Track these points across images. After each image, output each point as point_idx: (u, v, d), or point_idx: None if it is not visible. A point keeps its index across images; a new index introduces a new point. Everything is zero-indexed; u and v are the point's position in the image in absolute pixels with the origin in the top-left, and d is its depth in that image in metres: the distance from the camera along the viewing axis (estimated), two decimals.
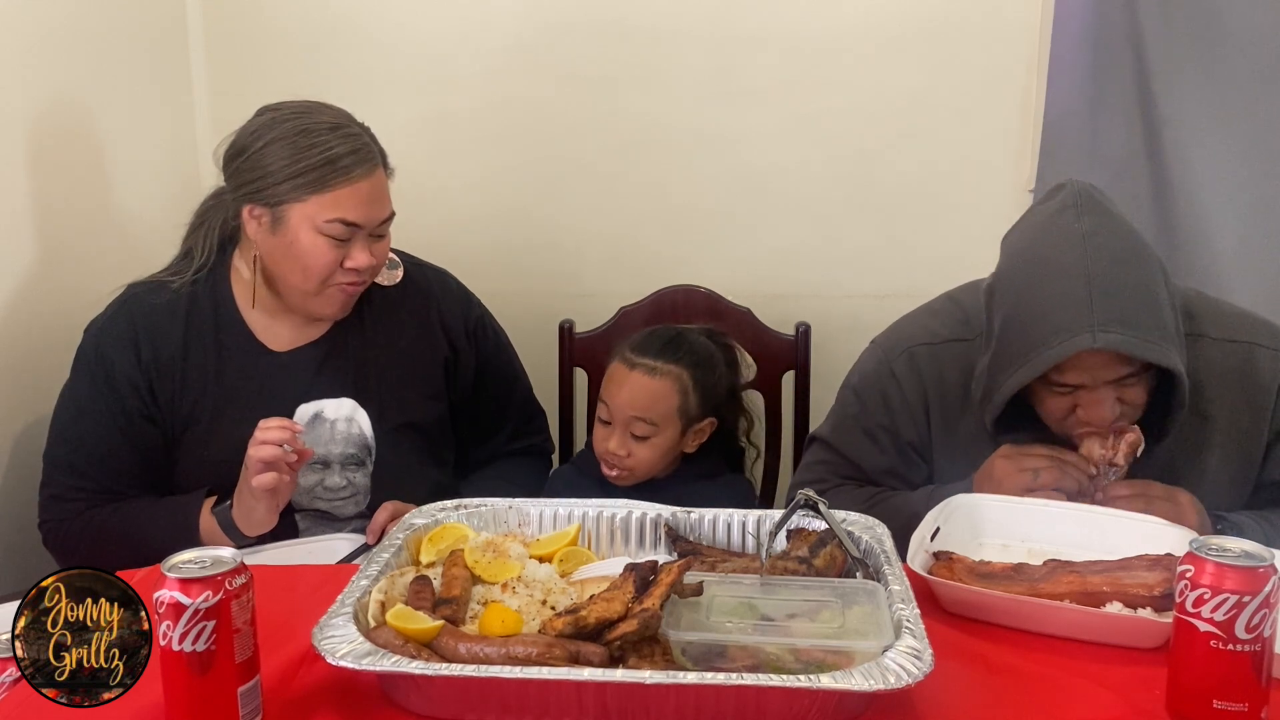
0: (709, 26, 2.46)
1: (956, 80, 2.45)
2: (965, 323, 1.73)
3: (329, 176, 1.67)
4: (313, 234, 1.69)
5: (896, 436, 1.74)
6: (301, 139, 1.68)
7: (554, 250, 2.56)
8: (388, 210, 1.75)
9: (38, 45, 1.96)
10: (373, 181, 1.71)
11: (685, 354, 1.94)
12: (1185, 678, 1.09)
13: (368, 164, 1.70)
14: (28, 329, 1.95)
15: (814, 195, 2.52)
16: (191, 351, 1.79)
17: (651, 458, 1.92)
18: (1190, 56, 2.31)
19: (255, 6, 2.48)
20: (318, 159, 1.67)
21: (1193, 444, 1.64)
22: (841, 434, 1.80)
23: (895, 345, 1.77)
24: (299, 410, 1.79)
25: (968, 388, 1.68)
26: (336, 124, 1.71)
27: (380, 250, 1.77)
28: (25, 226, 1.96)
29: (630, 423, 1.90)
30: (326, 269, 1.72)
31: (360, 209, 1.70)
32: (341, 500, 1.81)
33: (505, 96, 2.50)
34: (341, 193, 1.68)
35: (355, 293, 1.78)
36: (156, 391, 1.77)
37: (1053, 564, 1.35)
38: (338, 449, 1.80)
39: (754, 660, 1.10)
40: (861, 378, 1.80)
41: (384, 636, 1.11)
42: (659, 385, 1.91)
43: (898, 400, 1.73)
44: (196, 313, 1.80)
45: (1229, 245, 2.35)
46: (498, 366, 2.00)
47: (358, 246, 1.72)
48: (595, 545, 1.43)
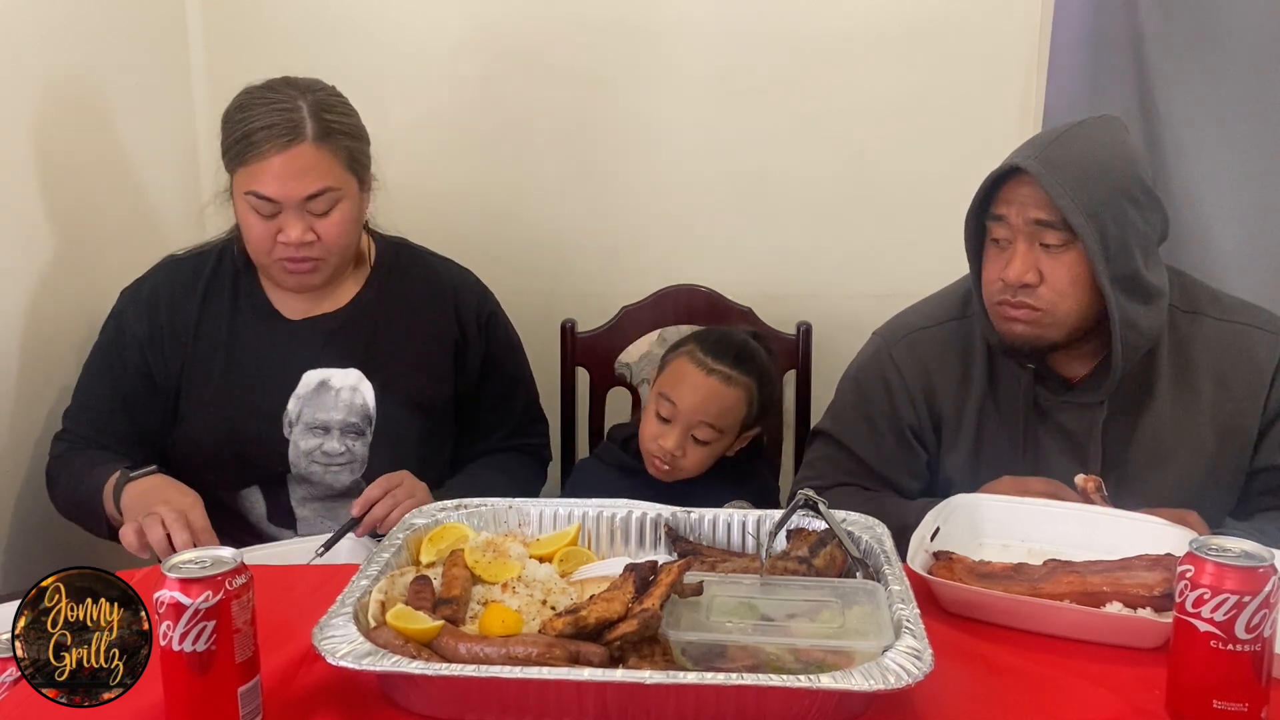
0: (709, 26, 2.46)
1: (956, 80, 2.45)
2: (965, 301, 1.76)
3: (245, 150, 1.71)
4: (244, 206, 1.74)
5: (897, 422, 1.75)
6: (236, 113, 1.74)
7: (555, 250, 2.56)
8: (316, 185, 1.72)
9: (37, 45, 1.96)
10: (289, 155, 1.69)
11: (756, 365, 1.93)
12: (1185, 678, 1.10)
13: (285, 138, 1.69)
14: (34, 334, 1.95)
15: (814, 195, 2.52)
16: (207, 312, 1.85)
17: (704, 461, 1.91)
18: (1190, 56, 2.31)
19: (255, 6, 2.48)
20: (239, 133, 1.72)
21: (1183, 420, 1.66)
22: (842, 424, 1.81)
23: (895, 333, 1.80)
24: (305, 377, 1.83)
25: (968, 365, 1.72)
26: (267, 100, 1.72)
27: (326, 227, 1.75)
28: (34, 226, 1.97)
29: (696, 426, 1.88)
30: (262, 242, 1.75)
31: (273, 183, 1.70)
32: (339, 466, 1.83)
33: (506, 96, 2.49)
34: (254, 167, 1.70)
35: (302, 270, 1.78)
36: (167, 351, 1.83)
37: (1053, 564, 1.35)
38: (339, 415, 1.83)
39: (754, 660, 1.10)
40: (861, 366, 1.82)
41: (384, 636, 1.11)
42: (733, 395, 1.89)
43: (898, 385, 1.75)
44: (218, 279, 1.87)
45: (1229, 245, 2.35)
46: (505, 363, 2.01)
47: (288, 219, 1.73)
48: (595, 545, 1.43)
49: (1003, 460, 1.67)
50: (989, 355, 1.72)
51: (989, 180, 1.61)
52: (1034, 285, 1.58)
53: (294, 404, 1.82)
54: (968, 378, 1.73)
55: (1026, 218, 1.57)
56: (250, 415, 1.82)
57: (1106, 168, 1.56)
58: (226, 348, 1.84)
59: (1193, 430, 1.66)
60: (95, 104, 2.14)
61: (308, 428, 1.82)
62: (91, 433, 1.84)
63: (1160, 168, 2.35)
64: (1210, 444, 1.66)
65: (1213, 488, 1.66)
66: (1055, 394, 1.69)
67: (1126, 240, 1.55)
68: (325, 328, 1.86)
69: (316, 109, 1.73)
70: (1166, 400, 1.66)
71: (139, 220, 2.25)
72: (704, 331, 2.05)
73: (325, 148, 1.72)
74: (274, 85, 1.76)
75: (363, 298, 1.89)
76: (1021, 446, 1.69)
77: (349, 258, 1.86)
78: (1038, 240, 1.57)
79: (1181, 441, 1.66)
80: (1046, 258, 1.58)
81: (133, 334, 1.84)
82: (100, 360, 1.87)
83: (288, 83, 1.76)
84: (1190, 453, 1.65)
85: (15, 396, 1.90)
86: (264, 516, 1.85)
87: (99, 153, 2.15)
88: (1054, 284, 1.58)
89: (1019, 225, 1.58)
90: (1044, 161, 1.54)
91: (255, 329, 1.85)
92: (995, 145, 2.45)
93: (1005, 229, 1.60)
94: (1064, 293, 1.58)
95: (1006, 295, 1.60)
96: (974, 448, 1.72)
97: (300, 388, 1.82)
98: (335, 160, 1.74)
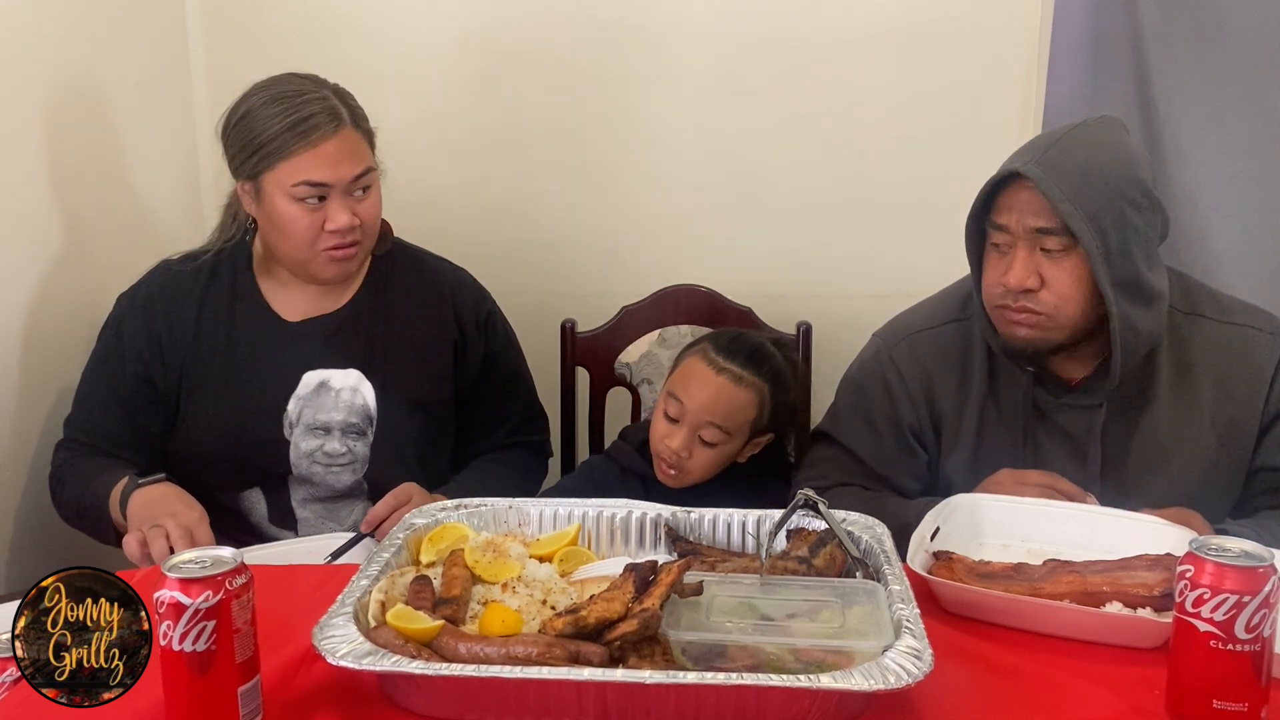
0: (710, 26, 2.46)
1: (956, 80, 2.44)
2: (964, 302, 1.77)
3: (291, 142, 1.72)
4: (287, 200, 1.74)
5: (897, 423, 1.76)
6: (265, 109, 1.74)
7: (555, 250, 2.56)
8: (360, 166, 1.77)
9: (38, 45, 1.96)
10: (337, 140, 1.73)
11: (769, 367, 1.88)
12: (1185, 678, 1.09)
13: (330, 125, 1.73)
14: (36, 332, 1.95)
15: (814, 195, 2.52)
16: (205, 317, 1.85)
17: (710, 464, 1.86)
18: (1190, 56, 2.31)
19: (255, 6, 2.48)
20: (279, 127, 1.72)
21: (1183, 421, 1.66)
22: (842, 425, 1.81)
23: (894, 334, 1.80)
24: (305, 378, 1.83)
25: (967, 366, 1.72)
26: (298, 91, 1.75)
27: (366, 209, 1.79)
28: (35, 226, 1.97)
29: (703, 426, 1.83)
30: (307, 234, 1.75)
31: (325, 168, 1.73)
32: (340, 467, 1.84)
33: (505, 96, 2.49)
34: (303, 156, 1.72)
35: (348, 255, 1.80)
36: (166, 356, 1.83)
37: (1053, 564, 1.35)
38: (340, 416, 1.83)
39: (754, 660, 1.10)
40: (861, 367, 1.83)
41: (384, 636, 1.11)
42: (743, 395, 1.84)
43: (897, 385, 1.75)
44: (216, 281, 1.87)
45: (1228, 245, 2.35)
46: (504, 362, 2.01)
47: (335, 207, 1.75)
48: (595, 545, 1.43)
49: (1003, 461, 1.66)
50: (989, 356, 1.73)
51: (989, 185, 1.61)
52: (1035, 290, 1.58)
53: (294, 405, 1.82)
54: (968, 379, 1.74)
55: (1026, 225, 1.57)
56: (251, 417, 1.82)
57: (1106, 171, 1.56)
58: (226, 350, 1.84)
59: (1192, 431, 1.66)
60: (95, 104, 2.14)
61: (308, 429, 1.82)
62: (93, 440, 1.84)
63: (1160, 167, 2.35)
64: (1210, 444, 1.66)
65: (1212, 488, 1.66)
66: (1055, 395, 1.69)
67: (1127, 243, 1.55)
68: (325, 328, 1.87)
69: (341, 97, 1.78)
70: (1166, 401, 1.66)
71: (139, 220, 2.25)
72: (719, 331, 2.02)
73: (359, 131, 1.78)
74: (291, 80, 1.77)
75: (361, 298, 1.90)
76: (1021, 447, 1.69)
77: (374, 244, 1.88)
78: (1038, 245, 1.57)
79: (1181, 442, 1.66)
80: (1047, 262, 1.58)
81: (131, 339, 1.84)
82: (99, 367, 1.86)
83: (301, 77, 1.78)
84: (1190, 453, 1.66)
85: (17, 395, 1.90)
86: (265, 518, 1.85)
87: (99, 153, 2.15)
88: (1055, 288, 1.58)
89: (1019, 232, 1.58)
90: (1044, 166, 1.54)
91: (254, 331, 1.85)
92: (995, 145, 2.45)
93: (1005, 235, 1.60)
94: (1066, 297, 1.58)
95: (1007, 300, 1.61)
96: (974, 449, 1.72)
97: (300, 389, 1.83)
98: (365, 143, 1.80)
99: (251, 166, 1.75)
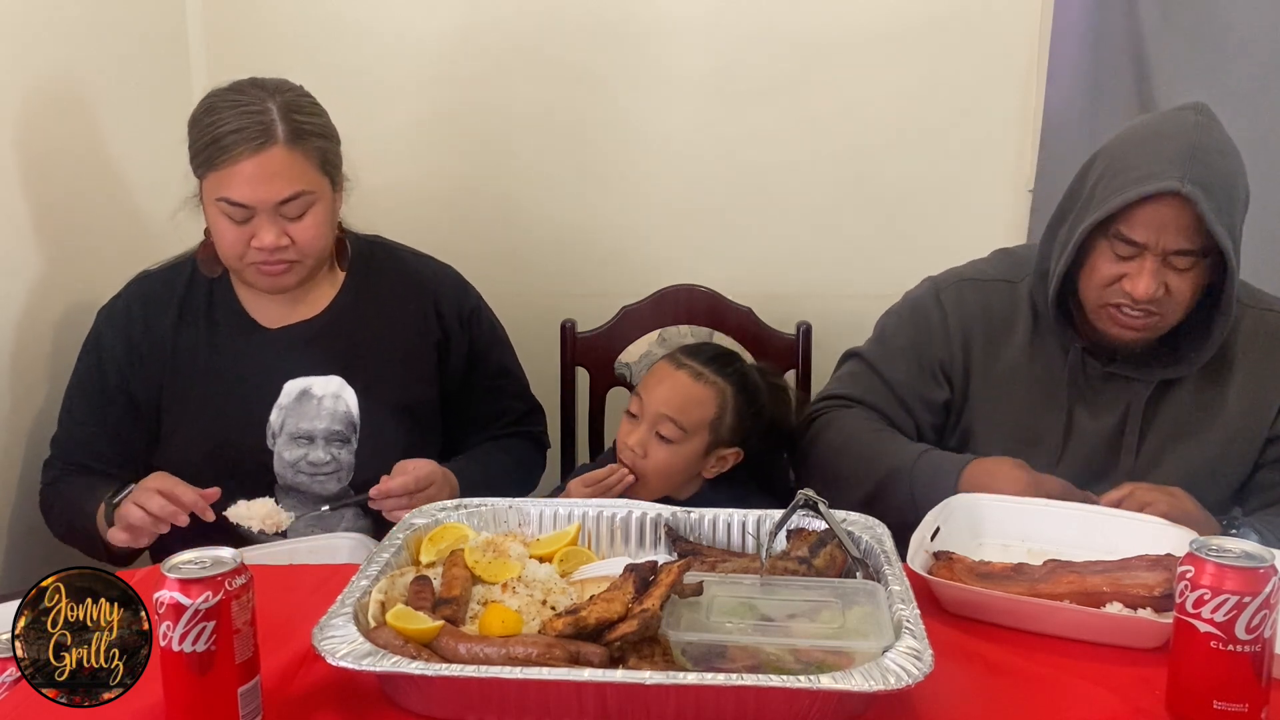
0: (709, 26, 2.46)
1: (956, 80, 2.45)
2: (1015, 266, 1.81)
3: (214, 155, 1.67)
4: (215, 212, 1.71)
5: (930, 354, 1.79)
6: (204, 117, 1.70)
7: (555, 250, 2.56)
8: (290, 189, 1.68)
9: (34, 44, 1.96)
10: (260, 160, 1.65)
11: (734, 373, 1.88)
12: (1185, 678, 1.10)
13: (253, 143, 1.65)
14: (31, 333, 1.95)
15: (814, 195, 2.52)
16: (184, 327, 1.82)
17: (667, 466, 1.83)
18: (1190, 56, 2.31)
19: (255, 6, 2.48)
20: (207, 138, 1.68)
21: (1212, 401, 1.70)
22: (875, 346, 1.86)
23: (948, 278, 1.85)
24: (286, 386, 1.80)
25: (1011, 323, 1.76)
26: (235, 102, 1.68)
27: (299, 230, 1.71)
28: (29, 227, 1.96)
29: (659, 421, 1.82)
30: (235, 246, 1.72)
31: (243, 188, 1.66)
32: (325, 475, 1.82)
33: (505, 96, 2.49)
34: (222, 173, 1.67)
35: (278, 272, 1.74)
36: (146, 369, 1.81)
37: (1053, 564, 1.35)
38: (322, 424, 1.81)
39: (754, 660, 1.10)
40: (907, 302, 1.87)
41: (384, 636, 1.11)
42: (700, 391, 1.83)
43: (938, 320, 1.79)
44: (193, 291, 1.85)
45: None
46: (491, 358, 1.99)
47: (261, 225, 1.69)
48: (595, 545, 1.43)
49: (1031, 423, 1.71)
50: (1034, 319, 1.75)
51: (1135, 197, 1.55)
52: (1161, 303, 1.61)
53: (276, 415, 1.80)
54: (1009, 336, 1.76)
55: (1166, 246, 1.57)
56: (233, 428, 1.79)
57: (1238, 184, 1.59)
58: (206, 361, 1.81)
59: (1217, 411, 1.69)
60: (95, 104, 2.13)
61: (291, 438, 1.79)
62: (80, 457, 1.82)
63: None
64: (1229, 422, 1.69)
65: (1226, 468, 1.70)
66: (1102, 363, 1.71)
67: (1240, 246, 1.58)
68: (304, 335, 1.83)
69: (286, 110, 1.69)
70: (1195, 376, 1.70)
71: (139, 221, 2.24)
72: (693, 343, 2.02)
73: (297, 150, 1.68)
74: (241, 87, 1.71)
75: (340, 302, 1.86)
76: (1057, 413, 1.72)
77: (324, 259, 1.83)
78: (1168, 258, 1.58)
79: (1204, 421, 1.69)
80: (1173, 274, 1.60)
81: (111, 354, 1.82)
82: (82, 383, 1.84)
83: (255, 84, 1.72)
84: (1211, 432, 1.69)
85: (10, 395, 1.89)
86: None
87: (99, 153, 2.14)
88: (1178, 296, 1.61)
89: (1155, 249, 1.57)
90: (1201, 186, 1.52)
91: (233, 341, 1.82)
92: (995, 145, 2.48)
93: (1134, 248, 1.59)
94: (1184, 304, 1.62)
95: (1124, 301, 1.61)
96: (1002, 404, 1.75)
97: (282, 398, 1.80)
98: (308, 163, 1.70)
99: (195, 170, 1.73)
